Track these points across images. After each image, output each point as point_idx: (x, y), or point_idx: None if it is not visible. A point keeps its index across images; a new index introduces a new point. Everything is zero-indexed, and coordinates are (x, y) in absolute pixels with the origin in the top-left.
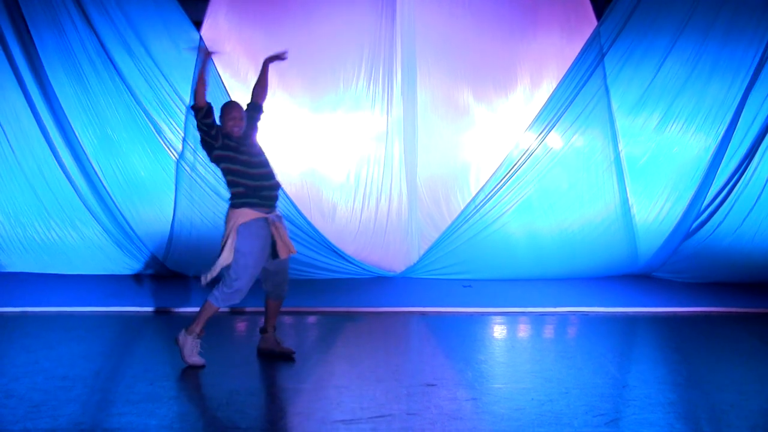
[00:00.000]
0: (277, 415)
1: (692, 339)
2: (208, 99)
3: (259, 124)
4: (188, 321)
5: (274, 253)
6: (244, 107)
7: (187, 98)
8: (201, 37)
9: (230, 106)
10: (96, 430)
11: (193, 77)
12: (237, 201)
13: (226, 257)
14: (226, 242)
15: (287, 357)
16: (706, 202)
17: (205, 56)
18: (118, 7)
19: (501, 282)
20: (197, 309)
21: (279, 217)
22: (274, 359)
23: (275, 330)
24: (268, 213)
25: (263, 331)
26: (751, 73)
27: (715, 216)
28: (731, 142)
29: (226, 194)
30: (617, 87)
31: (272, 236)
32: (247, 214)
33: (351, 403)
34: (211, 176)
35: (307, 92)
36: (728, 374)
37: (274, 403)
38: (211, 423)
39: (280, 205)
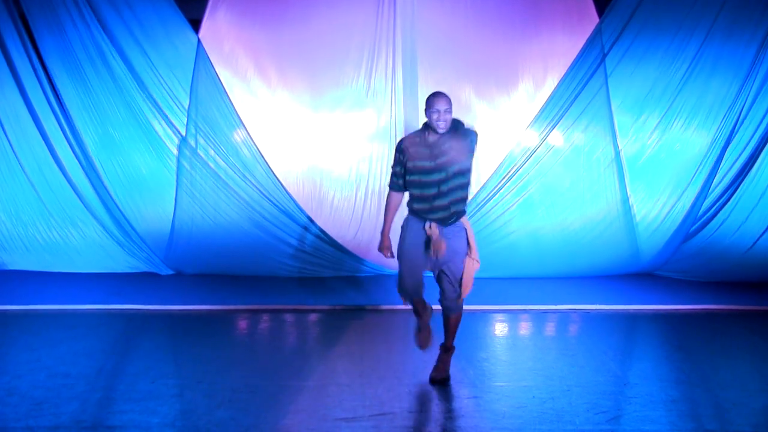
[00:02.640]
0: (278, 413)
1: (694, 336)
2: (207, 97)
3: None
4: (189, 318)
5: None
6: None
7: (186, 96)
8: (199, 40)
9: (435, 96)
10: (98, 427)
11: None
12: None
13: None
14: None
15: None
16: (708, 202)
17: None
18: (117, 6)
19: (502, 280)
20: (198, 307)
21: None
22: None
23: (446, 351)
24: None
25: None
26: (753, 71)
27: (719, 214)
28: (737, 140)
29: (227, 190)
30: (618, 84)
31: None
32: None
33: (353, 401)
34: (211, 173)
35: (307, 90)
36: (730, 372)
37: (276, 401)
38: (213, 421)
39: (282, 202)
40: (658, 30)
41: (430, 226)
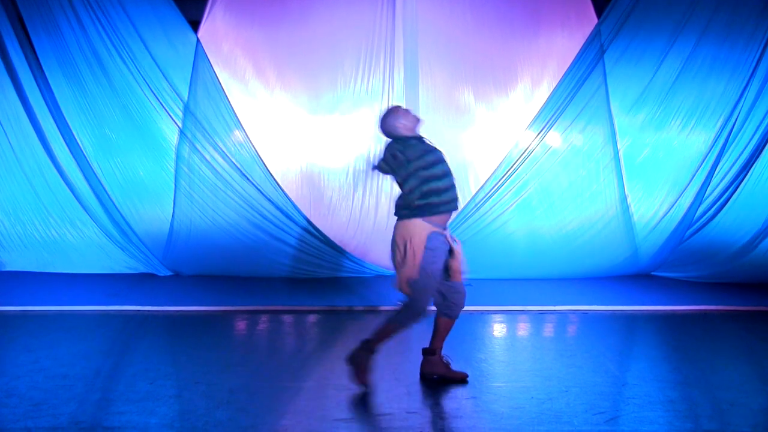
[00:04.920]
0: (277, 414)
1: (691, 337)
2: (206, 98)
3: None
4: (188, 319)
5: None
6: None
7: (185, 96)
8: (198, 40)
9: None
10: (96, 428)
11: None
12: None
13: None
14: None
15: (459, 381)
16: (707, 202)
17: None
18: (115, 7)
19: (501, 281)
20: (196, 308)
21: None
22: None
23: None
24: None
25: (429, 352)
26: (753, 72)
27: (718, 215)
28: (735, 142)
29: (225, 191)
30: (617, 85)
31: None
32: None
33: (351, 402)
34: (210, 174)
35: (306, 91)
36: (728, 372)
37: (275, 402)
38: (211, 422)
39: (280, 203)
40: (656, 30)
41: (454, 239)
